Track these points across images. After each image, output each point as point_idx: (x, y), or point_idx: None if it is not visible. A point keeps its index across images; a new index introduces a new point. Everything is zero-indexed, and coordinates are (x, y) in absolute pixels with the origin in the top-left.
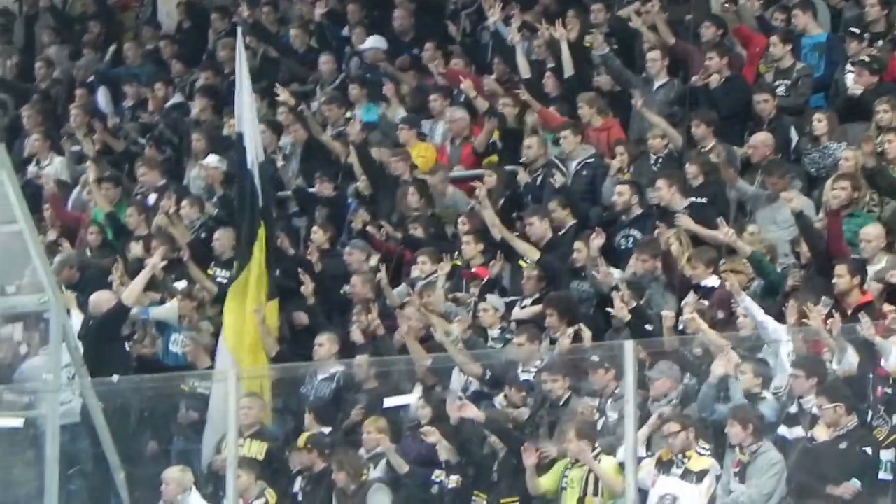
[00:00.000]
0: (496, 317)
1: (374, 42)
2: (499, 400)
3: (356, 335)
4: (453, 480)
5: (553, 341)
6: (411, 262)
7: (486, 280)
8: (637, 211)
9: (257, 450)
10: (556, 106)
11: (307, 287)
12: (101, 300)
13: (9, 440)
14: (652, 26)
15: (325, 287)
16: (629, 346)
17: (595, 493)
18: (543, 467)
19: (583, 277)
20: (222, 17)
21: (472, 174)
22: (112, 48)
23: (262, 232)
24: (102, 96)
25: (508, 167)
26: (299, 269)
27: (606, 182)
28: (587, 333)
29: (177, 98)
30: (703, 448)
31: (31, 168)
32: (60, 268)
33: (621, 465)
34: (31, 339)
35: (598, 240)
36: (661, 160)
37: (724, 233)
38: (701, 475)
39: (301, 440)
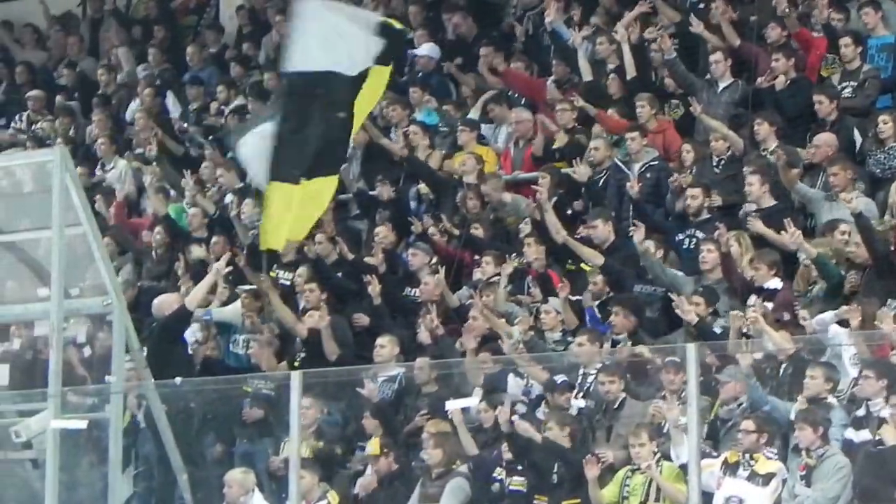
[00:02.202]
0: (557, 319)
1: (428, 50)
2: (540, 408)
3: (424, 336)
4: (517, 482)
5: (615, 343)
6: (472, 265)
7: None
8: (706, 214)
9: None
10: (619, 108)
11: (374, 287)
12: (164, 303)
13: (72, 442)
14: (717, 27)
15: (388, 288)
16: (692, 348)
17: (657, 500)
18: (604, 473)
19: (647, 280)
20: (286, 19)
21: (527, 177)
22: None
23: None
24: (171, 99)
25: (567, 170)
26: (362, 272)
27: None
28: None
29: (239, 101)
30: (771, 452)
31: (97, 171)
32: (123, 288)
33: (682, 468)
34: (94, 341)
35: (639, 232)
36: (723, 162)
37: (790, 234)
38: (768, 478)
39: (374, 447)
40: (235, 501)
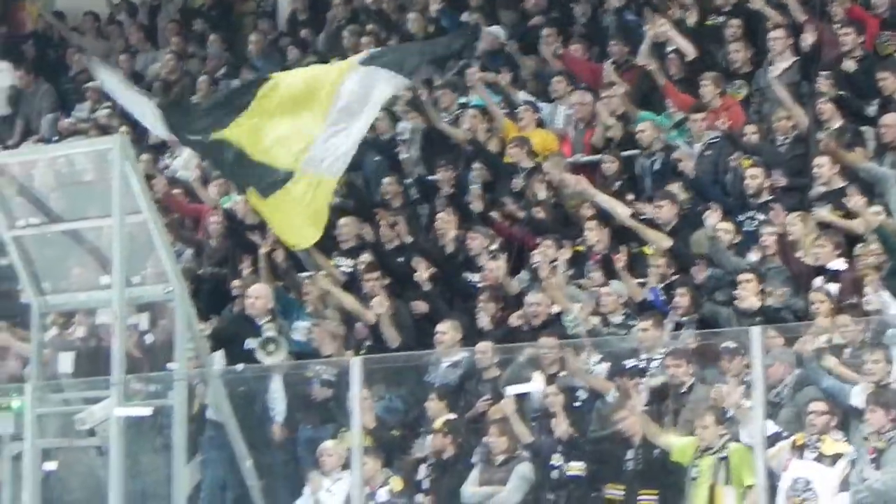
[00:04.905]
0: (618, 303)
1: (496, 30)
2: (611, 392)
3: (483, 321)
4: (575, 468)
5: (679, 326)
6: (533, 248)
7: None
8: (767, 196)
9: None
10: (679, 89)
11: (422, 273)
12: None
13: (137, 429)
14: (780, 4)
15: (448, 273)
16: (756, 332)
17: (727, 482)
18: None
19: (714, 263)
20: (345, 4)
21: (589, 161)
22: None
23: None
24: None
25: (625, 153)
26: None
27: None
28: None
29: None
30: (838, 433)
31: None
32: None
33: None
34: (156, 328)
35: (714, 215)
36: (788, 141)
37: (853, 202)
38: (835, 459)
39: (438, 423)
40: (332, 471)
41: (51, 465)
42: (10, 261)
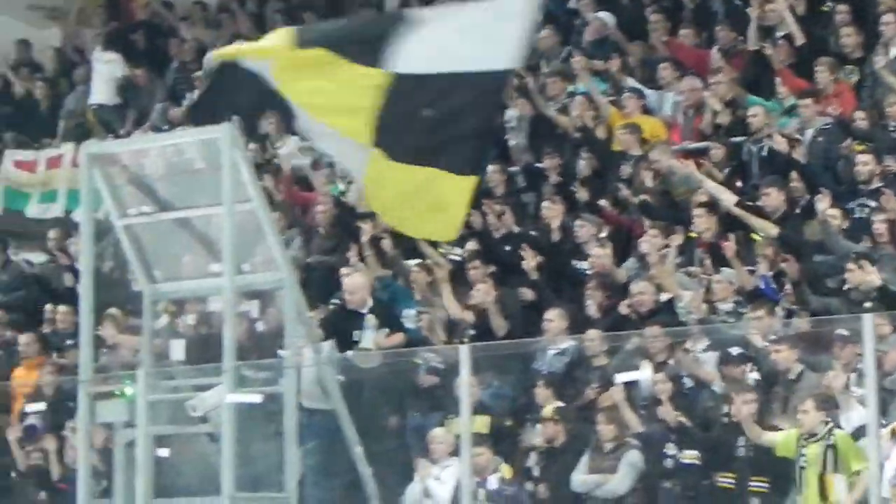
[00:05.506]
0: (729, 290)
1: (604, 16)
2: (717, 382)
3: (591, 309)
4: (690, 456)
5: (790, 314)
6: (641, 235)
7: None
8: (878, 182)
9: (481, 424)
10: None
11: (529, 261)
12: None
13: (248, 416)
14: None
15: (558, 261)
16: (868, 319)
17: (835, 470)
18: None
19: (826, 251)
20: None
21: (697, 147)
22: None
23: None
24: None
25: (734, 139)
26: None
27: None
28: None
29: None
30: None
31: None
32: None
33: (853, 437)
34: (266, 315)
35: (824, 200)
36: None
37: None
38: None
39: (547, 411)
40: (441, 458)
41: (163, 452)
42: (122, 249)
